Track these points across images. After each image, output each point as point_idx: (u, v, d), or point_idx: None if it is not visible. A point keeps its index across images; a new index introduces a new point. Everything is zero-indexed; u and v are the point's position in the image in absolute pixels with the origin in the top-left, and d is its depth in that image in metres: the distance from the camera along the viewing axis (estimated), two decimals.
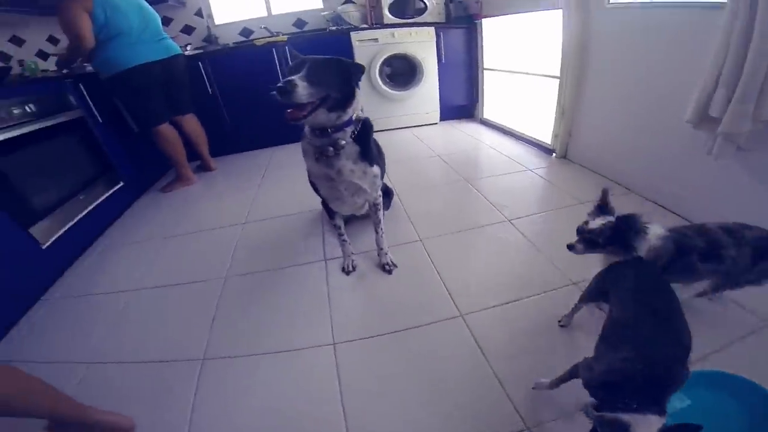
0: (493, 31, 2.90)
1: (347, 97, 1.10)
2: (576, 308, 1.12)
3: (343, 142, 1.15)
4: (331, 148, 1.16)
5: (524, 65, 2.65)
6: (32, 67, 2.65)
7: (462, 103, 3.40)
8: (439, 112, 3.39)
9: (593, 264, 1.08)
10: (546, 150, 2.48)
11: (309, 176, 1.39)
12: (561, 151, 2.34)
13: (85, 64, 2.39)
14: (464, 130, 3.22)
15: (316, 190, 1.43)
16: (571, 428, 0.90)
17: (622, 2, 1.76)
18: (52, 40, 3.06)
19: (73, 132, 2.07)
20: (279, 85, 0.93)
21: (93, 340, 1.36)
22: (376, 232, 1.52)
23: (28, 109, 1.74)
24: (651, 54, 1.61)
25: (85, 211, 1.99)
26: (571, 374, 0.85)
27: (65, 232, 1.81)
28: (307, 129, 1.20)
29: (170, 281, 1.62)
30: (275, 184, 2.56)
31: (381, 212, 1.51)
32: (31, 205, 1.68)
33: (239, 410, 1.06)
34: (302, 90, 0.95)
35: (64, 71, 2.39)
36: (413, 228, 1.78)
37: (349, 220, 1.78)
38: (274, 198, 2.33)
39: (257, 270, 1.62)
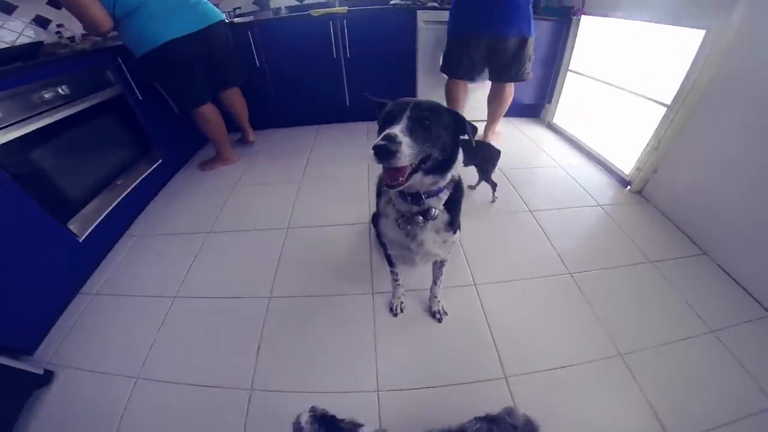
0: (590, 31, 2.46)
1: (449, 160, 0.86)
2: None
3: (436, 211, 0.94)
4: (421, 218, 0.94)
5: (617, 79, 2.26)
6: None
7: (529, 101, 2.99)
8: None
9: (646, 335, 1.29)
10: (620, 179, 2.16)
11: (379, 236, 1.21)
12: (638, 186, 2.03)
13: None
14: (527, 133, 2.88)
15: (381, 242, 1.23)
16: None
17: None
18: None
19: (111, 112, 1.89)
20: (380, 143, 0.69)
21: (133, 353, 1.34)
22: (435, 283, 1.38)
23: (60, 92, 1.57)
24: None
25: (123, 195, 1.89)
26: None
27: (103, 219, 1.73)
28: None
29: (209, 293, 1.55)
30: (321, 173, 2.41)
31: (445, 267, 1.33)
32: (68, 197, 1.58)
33: None
34: (406, 149, 0.70)
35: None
36: (469, 270, 1.60)
37: None
38: (320, 195, 2.18)
39: (302, 294, 1.52)
